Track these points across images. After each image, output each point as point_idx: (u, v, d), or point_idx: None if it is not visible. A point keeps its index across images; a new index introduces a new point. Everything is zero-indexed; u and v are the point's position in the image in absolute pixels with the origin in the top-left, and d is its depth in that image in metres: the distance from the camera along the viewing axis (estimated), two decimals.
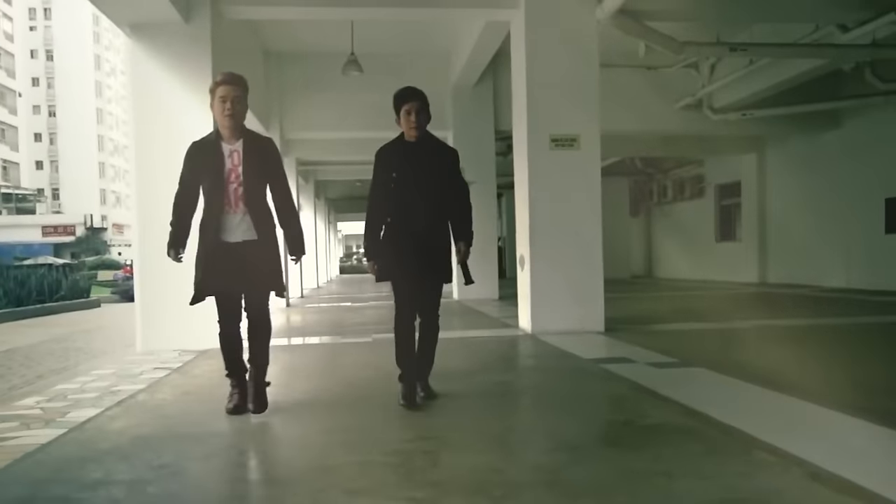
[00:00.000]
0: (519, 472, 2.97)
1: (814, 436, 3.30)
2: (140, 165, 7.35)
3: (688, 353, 5.91)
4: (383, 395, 4.40)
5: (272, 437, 3.76)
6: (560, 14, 7.55)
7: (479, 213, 12.79)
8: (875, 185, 13.52)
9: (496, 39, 9.99)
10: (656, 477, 2.83)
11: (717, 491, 2.61)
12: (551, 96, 7.60)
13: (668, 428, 3.61)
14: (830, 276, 14.62)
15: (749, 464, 2.93)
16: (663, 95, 13.59)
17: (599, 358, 5.85)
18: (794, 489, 2.61)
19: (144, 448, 3.42)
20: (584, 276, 7.62)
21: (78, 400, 4.69)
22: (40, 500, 2.70)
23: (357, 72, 10.65)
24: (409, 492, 2.67)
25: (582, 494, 2.65)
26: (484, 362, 5.86)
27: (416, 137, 4.22)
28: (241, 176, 3.95)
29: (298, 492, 2.73)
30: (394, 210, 4.19)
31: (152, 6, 6.79)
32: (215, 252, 3.92)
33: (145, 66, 7.32)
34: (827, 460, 2.87)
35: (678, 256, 22.13)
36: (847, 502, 2.45)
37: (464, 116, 13.20)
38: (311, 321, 10.59)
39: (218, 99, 3.95)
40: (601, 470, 2.96)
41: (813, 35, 9.50)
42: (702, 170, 20.41)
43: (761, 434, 3.30)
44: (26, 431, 3.84)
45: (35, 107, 77.09)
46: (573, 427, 3.71)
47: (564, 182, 7.60)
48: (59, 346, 9.85)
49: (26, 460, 3.26)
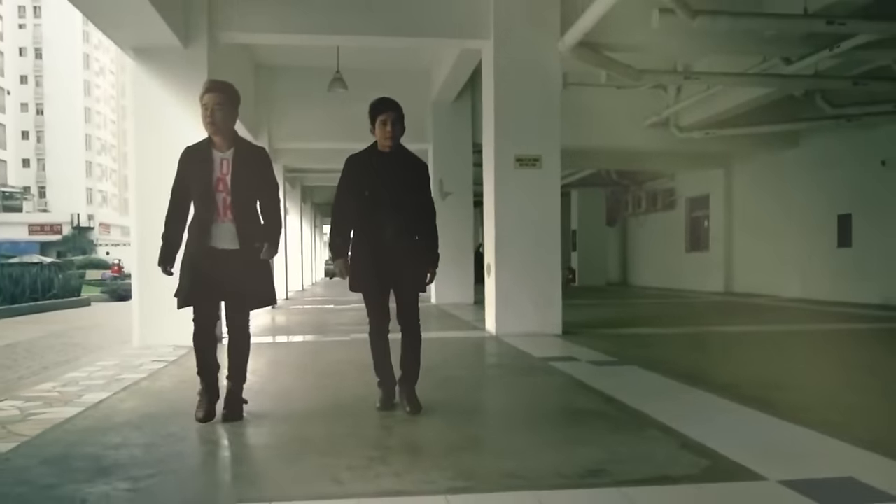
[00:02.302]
0: (457, 438, 3.71)
1: (699, 418, 4.06)
2: (139, 173, 7.95)
3: (627, 354, 6.70)
4: (354, 382, 5.13)
5: (258, 414, 4.48)
6: (525, 46, 8.33)
7: (456, 222, 13.67)
8: (828, 202, 14.40)
9: (471, 63, 10.77)
10: (563, 445, 3.60)
11: (605, 455, 3.36)
12: (516, 120, 8.39)
13: (586, 411, 4.38)
14: (789, 287, 15.49)
15: (639, 437, 3.70)
16: (633, 113, 14.40)
17: (550, 357, 6.62)
18: (664, 454, 3.37)
19: (153, 422, 4.14)
20: (543, 284, 8.39)
21: (89, 385, 5.39)
22: (74, 457, 3.41)
23: (342, 89, 11.38)
24: (366, 451, 3.40)
25: (501, 455, 3.41)
26: (446, 360, 6.61)
27: (390, 148, 4.22)
28: (229, 185, 3.99)
29: (280, 440, 3.48)
30: (364, 221, 4.20)
31: (155, 33, 7.49)
32: (200, 257, 3.97)
33: (147, 85, 8.00)
34: (700, 435, 3.63)
35: (651, 265, 23.01)
36: (696, 461, 3.21)
37: (443, 130, 13.98)
38: (295, 321, 11.31)
39: (202, 107, 4.01)
40: (522, 440, 3.71)
41: (762, 65, 10.37)
42: (673, 183, 21.30)
43: (659, 416, 4.07)
44: (50, 409, 4.54)
45: (23, 104, 77.19)
46: (510, 409, 4.48)
47: (527, 198, 8.38)
48: (58, 342, 10.51)
49: (56, 430, 3.97)
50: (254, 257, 4.03)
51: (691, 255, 20.49)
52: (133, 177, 8.15)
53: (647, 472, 3.09)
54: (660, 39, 8.62)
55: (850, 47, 8.55)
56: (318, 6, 8.21)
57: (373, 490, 2.86)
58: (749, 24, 7.83)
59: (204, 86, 4.09)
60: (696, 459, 3.25)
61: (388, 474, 3.07)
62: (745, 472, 3.02)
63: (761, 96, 11.89)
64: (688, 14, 7.38)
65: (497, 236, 8.42)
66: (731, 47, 9.36)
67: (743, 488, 2.86)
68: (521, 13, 8.30)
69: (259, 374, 5.54)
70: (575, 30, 8.05)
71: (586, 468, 3.14)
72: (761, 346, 7.78)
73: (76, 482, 3.00)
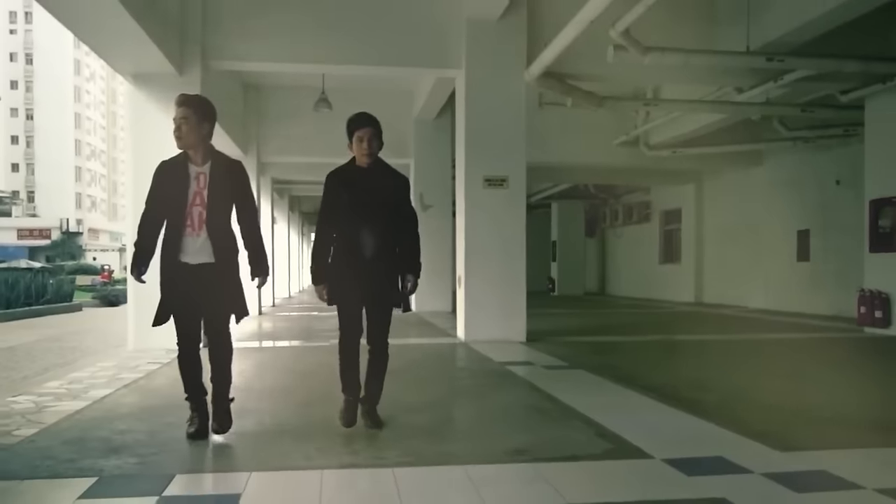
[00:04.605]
0: (410, 427, 4.38)
1: (620, 413, 4.77)
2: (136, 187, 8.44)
3: (579, 360, 7.41)
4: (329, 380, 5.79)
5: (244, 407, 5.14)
6: (494, 75, 9.07)
7: (435, 234, 14.33)
8: (789, 218, 15.23)
9: (448, 87, 11.51)
10: (498, 433, 4.31)
11: (530, 440, 4.07)
12: (485, 143, 9.12)
13: (527, 407, 5.10)
14: (753, 298, 16.29)
15: (563, 427, 4.41)
16: (606, 132, 15.19)
17: (508, 361, 7.32)
18: (579, 439, 4.08)
19: (153, 413, 4.82)
20: (510, 295, 9.11)
21: (92, 384, 6.04)
22: (89, 440, 4.07)
23: (327, 109, 12.08)
24: (332, 436, 4.09)
25: (443, 440, 4.11)
26: (414, 362, 7.30)
27: (368, 164, 4.24)
28: (205, 199, 3.96)
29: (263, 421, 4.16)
30: (343, 235, 4.22)
31: (152, 62, 8.17)
32: (175, 274, 3.97)
33: (144, 108, 8.66)
34: (615, 425, 4.33)
35: (627, 276, 23.80)
36: (604, 445, 3.92)
37: (424, 147, 14.73)
38: (281, 328, 11.97)
39: (172, 121, 4.00)
40: (465, 429, 4.43)
41: (717, 93, 11.18)
42: (649, 197, 22.11)
43: (586, 411, 4.77)
44: (60, 402, 5.20)
45: (13, 109, 77.44)
46: (461, 405, 5.19)
47: (495, 215, 9.10)
48: (55, 345, 11.10)
49: (69, 419, 4.64)
50: (228, 271, 4.02)
51: (665, 266, 21.27)
52: (130, 190, 8.76)
53: (559, 452, 3.79)
54: (619, 70, 9.39)
55: (793, 80, 9.37)
56: (305, 38, 8.90)
57: (335, 464, 3.55)
58: (697, 60, 8.58)
59: (174, 101, 4.06)
60: (603, 444, 3.96)
61: (348, 453, 3.76)
62: (638, 453, 3.74)
63: (721, 119, 12.71)
64: (639, 51, 8.13)
65: (467, 251, 9.14)
66: (685, 77, 10.15)
67: (631, 464, 3.57)
68: (490, 46, 9.03)
69: (245, 375, 6.23)
70: (539, 62, 8.81)
71: (512, 449, 3.84)
72: (707, 352, 8.53)
73: (93, 457, 3.68)
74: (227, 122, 11.60)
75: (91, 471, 3.44)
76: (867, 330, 10.40)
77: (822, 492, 3.14)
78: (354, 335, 4.27)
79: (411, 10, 9.12)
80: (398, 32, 9.14)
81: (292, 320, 13.53)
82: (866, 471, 3.37)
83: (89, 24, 7.25)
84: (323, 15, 8.89)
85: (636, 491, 3.20)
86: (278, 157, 15.48)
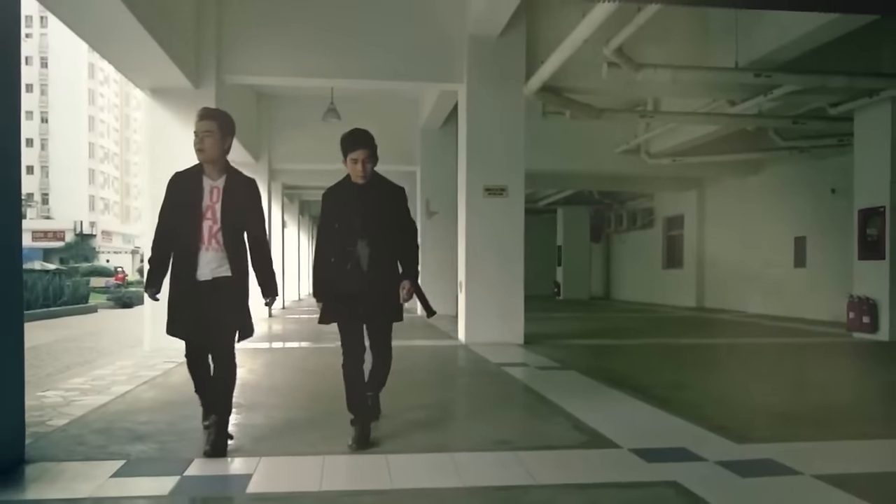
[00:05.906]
0: (406, 420, 4.81)
1: (600, 410, 5.17)
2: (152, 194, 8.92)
3: (572, 362, 7.81)
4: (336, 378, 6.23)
5: (255, 402, 5.58)
6: (494, 89, 9.52)
7: (441, 240, 14.72)
8: (787, 225, 15.57)
9: (452, 99, 11.95)
10: (485, 426, 4.72)
11: (514, 432, 4.49)
12: (486, 153, 9.57)
13: (516, 404, 5.53)
14: (752, 303, 16.64)
15: (546, 421, 4.83)
16: (608, 140, 15.60)
17: (504, 362, 7.73)
18: (558, 432, 4.49)
19: (172, 406, 5.27)
20: (508, 299, 9.53)
21: (114, 380, 6.51)
22: (115, 429, 4.52)
23: (336, 119, 12.54)
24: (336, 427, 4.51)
25: (435, 431, 4.53)
26: (415, 363, 7.72)
27: (363, 181, 4.25)
28: (218, 213, 3.96)
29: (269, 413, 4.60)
30: (341, 253, 4.21)
31: (169, 77, 8.65)
32: (185, 293, 3.96)
33: (160, 120, 9.14)
34: (593, 420, 4.74)
35: (632, 280, 24.17)
36: (579, 437, 4.33)
37: (430, 154, 15.16)
38: (290, 329, 12.43)
39: (194, 134, 4.00)
40: (456, 422, 4.85)
41: (711, 105, 11.57)
42: (652, 203, 22.48)
43: (569, 408, 5.17)
44: (86, 397, 5.66)
45: (28, 112, 78.34)
46: (456, 402, 5.61)
47: (494, 223, 9.54)
48: (74, 346, 11.61)
49: (96, 412, 5.09)
50: (236, 287, 4.01)
51: (668, 271, 21.63)
52: (147, 196, 9.22)
53: (538, 442, 4.20)
54: (613, 85, 9.80)
55: (782, 94, 9.76)
56: (314, 54, 9.38)
57: (336, 451, 3.98)
58: (688, 76, 8.99)
59: (197, 114, 4.08)
60: (579, 436, 4.37)
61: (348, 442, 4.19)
62: (608, 444, 4.15)
63: (717, 130, 13.09)
64: (632, 67, 8.55)
65: (468, 256, 9.58)
66: (678, 91, 10.55)
67: (600, 453, 3.99)
68: (491, 61, 9.47)
69: (256, 373, 6.69)
70: (538, 77, 9.24)
71: (496, 440, 4.26)
72: (696, 355, 8.92)
73: (120, 444, 4.13)
74: (240, 131, 11.78)
75: (119, 455, 3.89)
76: (856, 335, 10.74)
77: (765, 477, 3.54)
78: (358, 357, 4.24)
79: (416, 27, 9.59)
80: (404, 49, 9.60)
81: (302, 322, 13.99)
82: (809, 460, 3.76)
83: (113, 45, 7.80)
84: (332, 32, 9.38)
85: (599, 474, 3.61)
86: (288, 164, 15.98)
